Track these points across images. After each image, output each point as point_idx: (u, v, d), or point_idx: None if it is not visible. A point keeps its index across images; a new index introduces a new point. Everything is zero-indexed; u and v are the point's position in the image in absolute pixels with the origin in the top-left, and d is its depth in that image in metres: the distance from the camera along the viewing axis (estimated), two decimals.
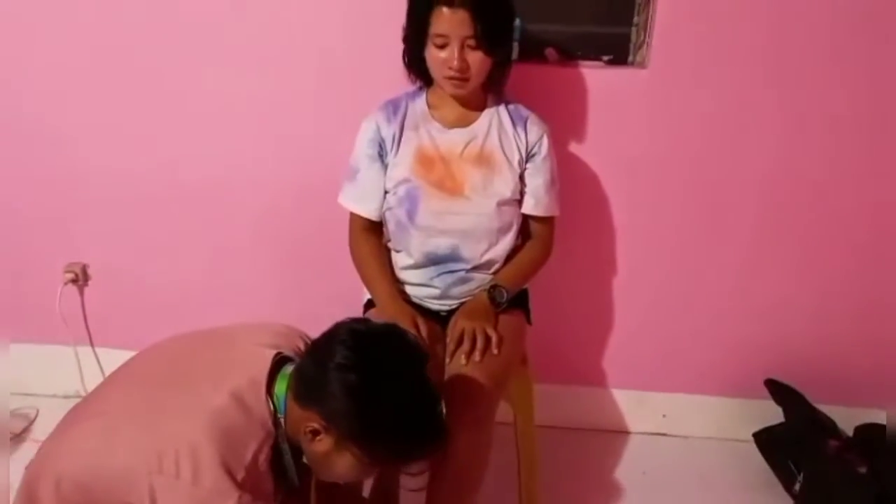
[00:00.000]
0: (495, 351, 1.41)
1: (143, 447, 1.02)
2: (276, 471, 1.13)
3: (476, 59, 1.39)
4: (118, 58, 1.82)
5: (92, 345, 2.07)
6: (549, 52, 1.79)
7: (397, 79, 1.55)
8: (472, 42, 1.37)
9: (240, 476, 1.03)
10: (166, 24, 1.78)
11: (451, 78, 1.40)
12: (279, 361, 1.15)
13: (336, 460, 1.11)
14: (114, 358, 2.02)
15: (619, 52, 1.79)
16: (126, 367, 1.22)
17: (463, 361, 1.38)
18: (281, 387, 1.13)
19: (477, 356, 1.39)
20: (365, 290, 1.60)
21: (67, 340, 2.05)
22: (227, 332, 1.24)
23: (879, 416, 1.88)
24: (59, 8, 1.79)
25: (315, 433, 1.08)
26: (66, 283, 2.00)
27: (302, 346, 1.22)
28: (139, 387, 1.14)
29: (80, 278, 2.01)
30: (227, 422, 1.06)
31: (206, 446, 1.02)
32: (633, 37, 1.78)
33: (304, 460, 1.17)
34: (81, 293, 2.04)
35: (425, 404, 1.12)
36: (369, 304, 1.61)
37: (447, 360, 1.43)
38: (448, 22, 1.36)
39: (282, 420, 1.12)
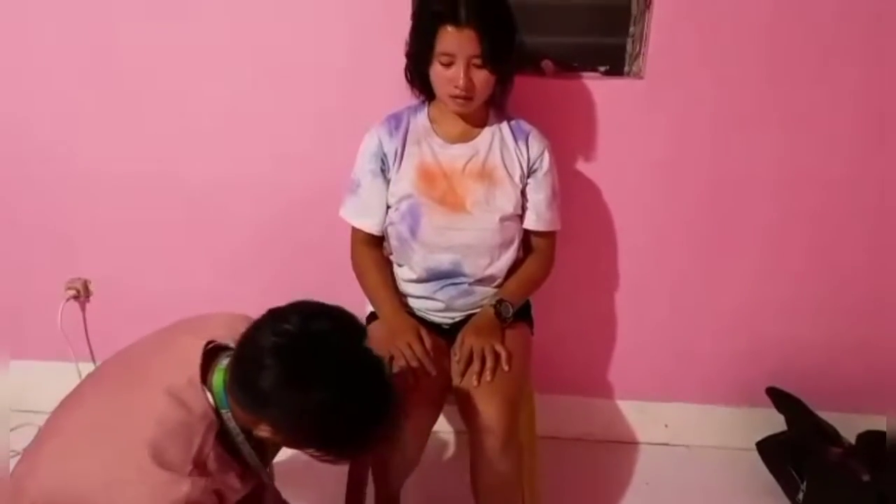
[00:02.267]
0: (506, 367, 1.41)
1: (92, 470, 1.04)
2: (235, 453, 1.14)
3: (481, 77, 1.39)
4: (118, 72, 1.82)
5: (94, 361, 2.07)
6: (546, 63, 1.80)
7: (400, 91, 1.56)
8: (477, 61, 1.37)
9: (187, 469, 1.05)
10: (170, 36, 1.79)
11: (456, 97, 1.40)
12: (211, 352, 1.16)
13: (296, 450, 1.13)
14: None
15: (615, 62, 1.80)
16: (88, 376, 1.24)
17: (475, 383, 1.39)
18: (218, 380, 1.12)
19: (488, 375, 1.39)
20: (368, 302, 1.61)
21: (69, 357, 2.05)
22: (169, 330, 1.26)
23: (881, 423, 1.88)
24: (62, 20, 1.80)
25: (268, 433, 1.09)
26: (67, 300, 2.00)
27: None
28: (91, 398, 1.16)
29: (82, 294, 2.01)
30: (167, 423, 1.07)
31: (147, 455, 1.03)
32: (629, 47, 1.79)
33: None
34: (83, 309, 2.04)
35: (366, 392, 1.08)
36: (372, 317, 1.62)
37: (457, 378, 1.43)
38: (455, 41, 1.35)
39: (226, 414, 1.12)
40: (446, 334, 1.56)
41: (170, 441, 1.06)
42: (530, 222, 1.57)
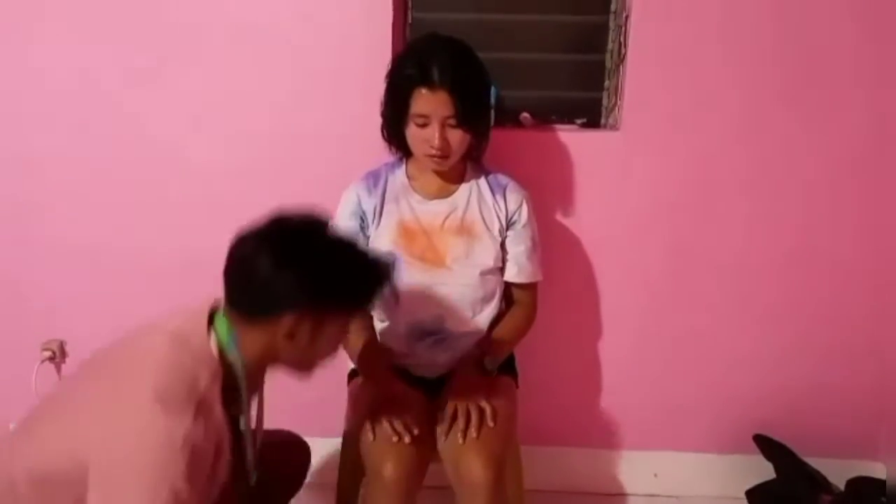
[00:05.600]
0: (491, 424, 1.39)
1: (90, 417, 1.03)
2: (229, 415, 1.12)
3: (456, 136, 1.41)
4: (94, 128, 1.83)
5: None
6: (525, 116, 1.83)
7: (377, 148, 1.57)
8: (452, 121, 1.39)
9: (190, 410, 1.02)
10: (145, 106, 1.80)
11: (432, 156, 1.42)
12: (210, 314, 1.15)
13: (320, 339, 1.13)
14: None
15: (591, 115, 1.84)
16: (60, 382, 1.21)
17: (460, 441, 1.36)
18: (221, 326, 1.12)
19: (473, 433, 1.37)
20: (349, 359, 1.59)
21: None
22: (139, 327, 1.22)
23: (870, 469, 1.88)
24: (43, 87, 1.81)
25: (291, 334, 1.10)
26: (42, 361, 1.95)
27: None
28: (84, 377, 1.16)
29: (58, 356, 1.96)
30: (169, 364, 1.06)
31: (150, 391, 1.01)
32: (605, 100, 1.83)
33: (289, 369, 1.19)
34: (59, 371, 1.99)
35: (348, 241, 1.19)
36: (353, 374, 1.60)
37: (442, 437, 1.41)
38: (428, 103, 1.37)
39: (232, 355, 1.11)
40: (430, 388, 1.54)
41: (173, 381, 1.04)
42: (511, 275, 1.57)
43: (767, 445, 1.84)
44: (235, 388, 1.13)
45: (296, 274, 1.07)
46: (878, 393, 1.94)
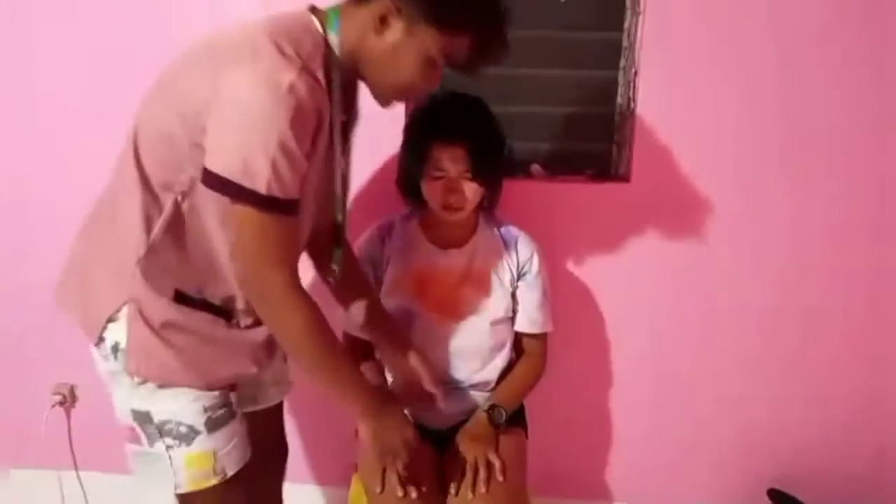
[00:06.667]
0: (500, 478, 1.38)
1: (205, 68, 1.05)
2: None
3: (471, 189, 1.43)
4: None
5: (76, 469, 2.01)
6: (535, 168, 1.86)
7: (391, 198, 1.59)
8: (468, 175, 1.41)
9: (298, 63, 1.02)
10: None
11: (447, 207, 1.44)
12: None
13: (405, 50, 1.10)
14: (99, 482, 1.98)
15: (601, 166, 1.86)
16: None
17: (469, 496, 1.35)
18: (332, 13, 1.13)
19: (482, 487, 1.36)
20: None
21: (50, 464, 1.99)
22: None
23: None
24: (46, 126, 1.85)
25: (384, 20, 1.08)
26: (53, 406, 1.96)
27: None
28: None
29: (68, 400, 1.97)
30: (279, 21, 1.07)
31: (261, 34, 1.03)
32: (614, 152, 1.86)
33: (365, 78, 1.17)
34: (69, 415, 1.99)
35: None
36: None
37: (452, 491, 1.40)
38: (446, 158, 1.40)
39: (332, 37, 1.11)
40: (440, 440, 1.53)
41: (283, 36, 1.04)
42: (522, 325, 1.58)
43: (782, 500, 1.81)
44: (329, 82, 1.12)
45: None
46: (890, 446, 1.91)
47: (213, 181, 1.02)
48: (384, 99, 1.19)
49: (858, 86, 1.71)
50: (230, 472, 1.21)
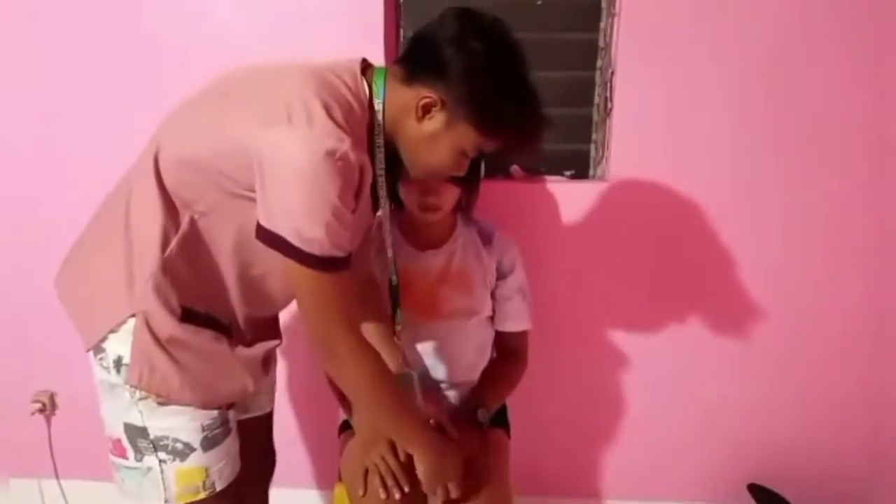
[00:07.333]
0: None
1: (251, 113, 1.06)
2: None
3: (449, 190, 1.43)
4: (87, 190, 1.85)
5: (57, 478, 1.99)
6: (515, 169, 1.87)
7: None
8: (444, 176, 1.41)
9: (347, 131, 1.05)
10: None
11: (425, 209, 1.44)
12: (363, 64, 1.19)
13: (441, 140, 1.15)
14: (79, 489, 1.96)
15: (580, 167, 1.88)
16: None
17: (453, 494, 1.35)
18: (378, 77, 1.15)
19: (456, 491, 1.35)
20: (341, 412, 1.58)
21: (31, 473, 1.97)
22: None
23: None
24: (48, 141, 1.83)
25: (427, 109, 1.13)
26: (32, 413, 1.94)
27: None
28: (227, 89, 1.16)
29: (48, 407, 1.95)
30: (330, 87, 1.09)
31: (313, 97, 1.05)
32: (593, 152, 1.87)
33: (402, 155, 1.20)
34: (49, 423, 1.98)
35: (533, 81, 1.16)
36: (345, 426, 1.59)
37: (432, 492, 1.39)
38: None
39: (378, 104, 1.14)
40: None
41: (332, 97, 1.07)
42: (501, 324, 1.58)
43: (762, 495, 1.83)
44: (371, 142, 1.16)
45: (470, 59, 1.10)
46: (870, 443, 1.93)
47: (268, 238, 1.05)
48: (415, 172, 1.25)
49: (846, 84, 1.73)
50: (219, 487, 1.22)
